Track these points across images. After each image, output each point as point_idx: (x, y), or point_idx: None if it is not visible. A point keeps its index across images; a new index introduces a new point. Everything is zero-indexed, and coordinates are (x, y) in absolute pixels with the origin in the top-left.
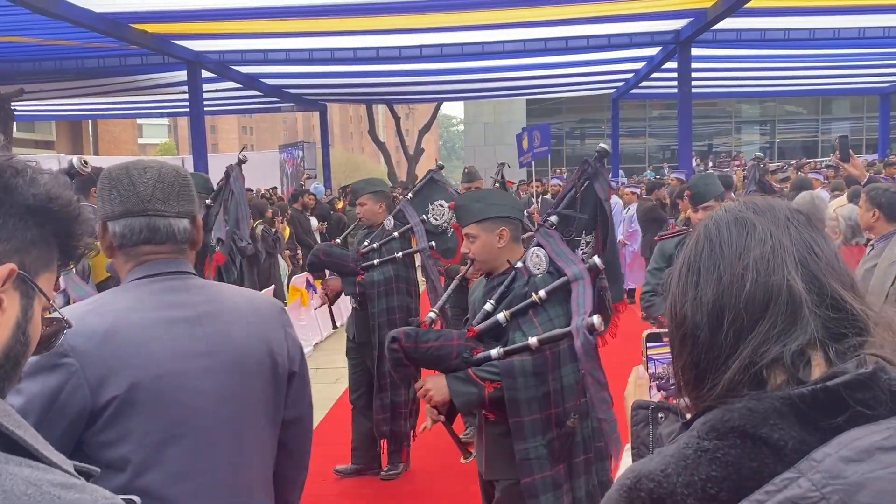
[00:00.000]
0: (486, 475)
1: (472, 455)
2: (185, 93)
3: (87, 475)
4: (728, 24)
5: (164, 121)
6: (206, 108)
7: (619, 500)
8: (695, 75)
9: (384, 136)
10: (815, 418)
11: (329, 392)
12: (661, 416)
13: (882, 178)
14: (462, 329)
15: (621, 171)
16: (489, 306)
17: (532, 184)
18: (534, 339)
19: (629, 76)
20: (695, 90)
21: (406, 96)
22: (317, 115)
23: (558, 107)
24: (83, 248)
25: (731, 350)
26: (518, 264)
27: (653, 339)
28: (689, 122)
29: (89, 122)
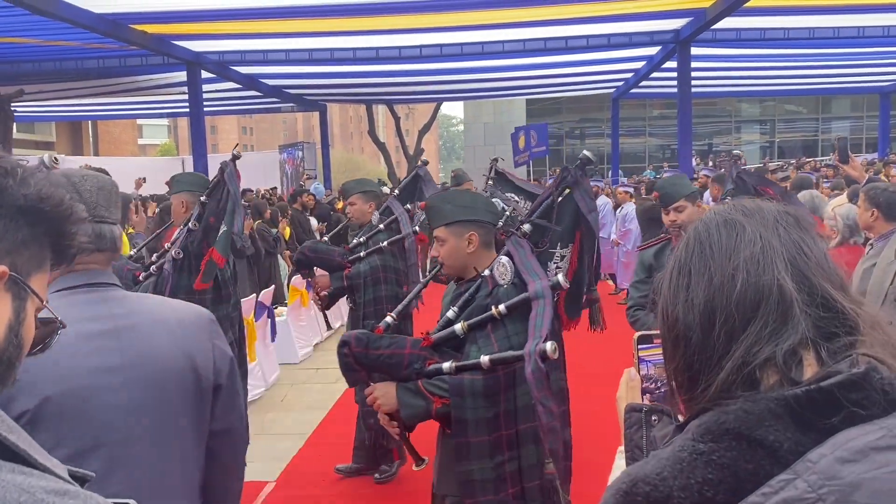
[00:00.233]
0: (436, 488)
1: (425, 462)
2: (184, 93)
3: (81, 480)
4: (727, 23)
5: (164, 121)
6: (205, 109)
7: None
8: (694, 74)
9: (384, 136)
10: (810, 419)
11: (329, 392)
12: (654, 418)
13: (881, 178)
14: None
15: (620, 171)
16: (451, 314)
17: None
18: (486, 359)
19: (629, 76)
20: (694, 89)
21: (406, 96)
22: (317, 115)
23: (558, 106)
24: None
25: (723, 351)
26: (485, 272)
27: (644, 340)
28: (689, 121)
29: (89, 122)
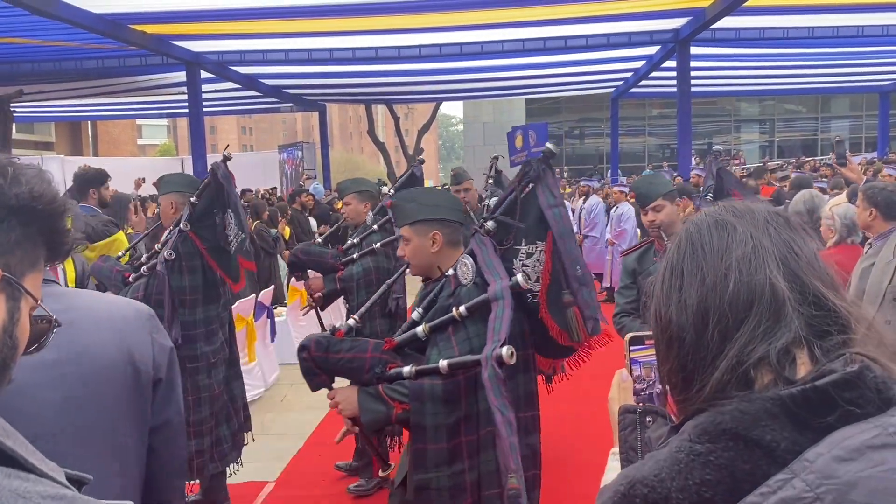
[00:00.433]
0: (393, 488)
1: (391, 467)
2: (184, 93)
3: (79, 483)
4: (727, 22)
5: (164, 121)
6: (205, 109)
7: None
8: (694, 74)
9: (383, 136)
10: (806, 418)
11: None
12: (648, 419)
13: (881, 178)
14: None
15: (620, 171)
16: (416, 315)
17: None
18: (444, 363)
19: (628, 75)
20: (694, 89)
21: (405, 96)
22: (316, 115)
23: (558, 106)
24: (70, 243)
25: (717, 351)
26: (449, 272)
27: (636, 342)
28: (689, 120)
29: (88, 122)
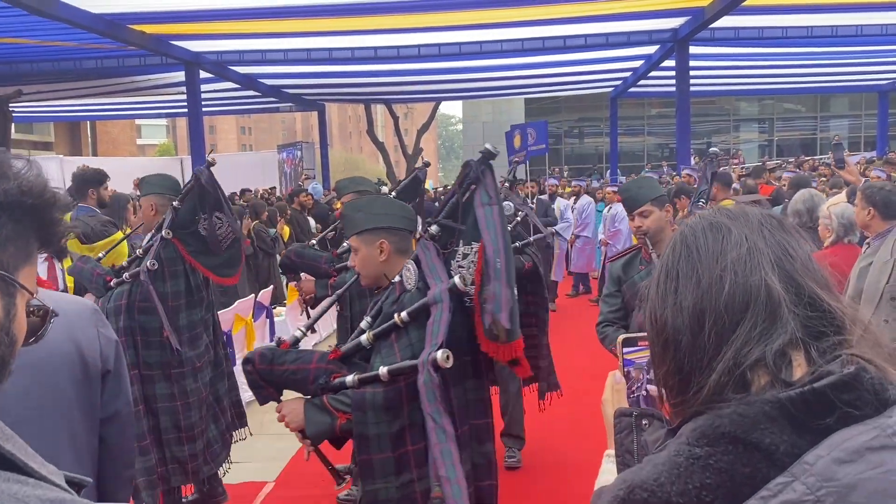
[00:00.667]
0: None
1: (345, 482)
2: (183, 93)
3: (78, 486)
4: (726, 22)
5: (163, 121)
6: (204, 109)
7: None
8: (693, 73)
9: (383, 135)
10: (805, 421)
11: None
12: (644, 422)
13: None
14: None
15: (619, 171)
16: (364, 324)
17: (527, 184)
18: (384, 370)
19: (627, 74)
20: (693, 88)
21: (404, 96)
22: (315, 115)
23: (557, 105)
24: (63, 233)
25: (713, 353)
26: (396, 279)
27: (629, 343)
28: (688, 120)
29: (88, 122)
